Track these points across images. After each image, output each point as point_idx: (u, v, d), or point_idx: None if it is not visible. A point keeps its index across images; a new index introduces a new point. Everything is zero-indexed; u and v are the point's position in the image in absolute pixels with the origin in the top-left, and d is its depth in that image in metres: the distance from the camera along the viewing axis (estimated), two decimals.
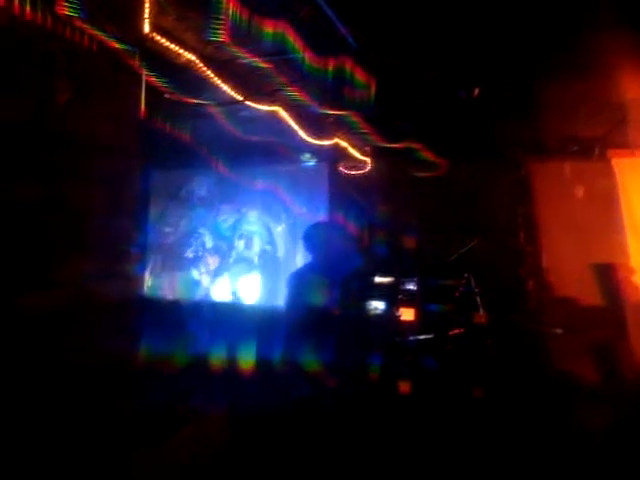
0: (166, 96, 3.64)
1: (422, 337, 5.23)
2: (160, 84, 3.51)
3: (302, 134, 5.29)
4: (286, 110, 4.70)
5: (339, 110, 5.40)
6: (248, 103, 4.16)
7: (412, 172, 6.25)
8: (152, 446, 3.62)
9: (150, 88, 3.40)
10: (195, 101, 3.96)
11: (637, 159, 6.22)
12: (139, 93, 3.27)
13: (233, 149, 5.92)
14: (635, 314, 5.21)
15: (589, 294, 5.62)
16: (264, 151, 6.04)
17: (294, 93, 4.24)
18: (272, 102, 4.44)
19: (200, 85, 3.78)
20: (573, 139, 5.78)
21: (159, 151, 5.29)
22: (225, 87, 3.82)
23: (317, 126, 5.57)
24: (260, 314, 6.44)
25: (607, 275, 5.64)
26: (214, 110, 4.42)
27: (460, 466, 3.80)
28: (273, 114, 4.72)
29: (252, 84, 4.07)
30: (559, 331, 5.39)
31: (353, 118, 5.47)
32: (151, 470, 3.41)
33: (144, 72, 3.24)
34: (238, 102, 4.03)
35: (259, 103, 4.28)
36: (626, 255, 5.76)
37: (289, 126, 5.07)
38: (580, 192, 5.75)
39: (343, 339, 4.89)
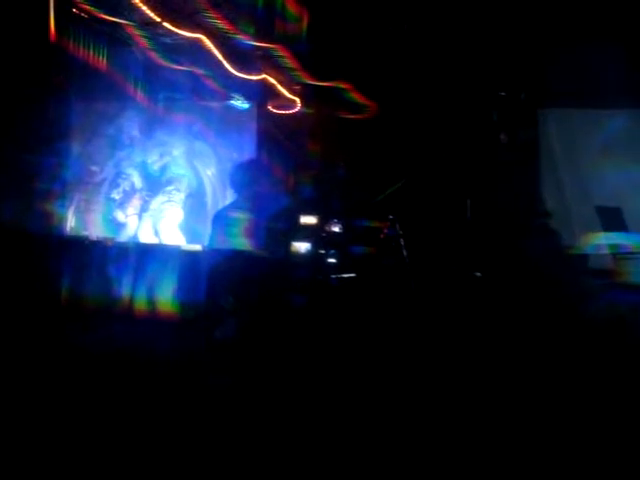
0: (77, 12, 3.39)
1: (345, 276, 5.25)
2: None
3: (228, 67, 5.10)
4: (211, 39, 4.51)
5: (268, 43, 5.25)
6: (167, 26, 3.95)
7: (341, 113, 6.17)
8: None
9: (60, 5, 3.16)
10: (109, 18, 3.72)
11: (560, 109, 6.37)
12: (46, 10, 3.04)
13: (157, 81, 5.67)
14: (552, 257, 5.37)
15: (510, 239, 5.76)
16: (191, 85, 5.82)
17: (217, 20, 4.05)
18: (195, 28, 4.23)
19: (115, 3, 3.56)
20: (500, 85, 5.82)
21: (78, 80, 5.01)
22: (141, 5, 3.60)
23: (245, 59, 5.40)
24: (184, 255, 6.33)
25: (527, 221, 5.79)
26: (134, 35, 4.19)
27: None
28: (197, 43, 4.53)
29: (171, 5, 3.86)
30: (478, 274, 5.51)
31: (282, 53, 5.33)
32: None
33: None
34: (156, 23, 3.83)
35: (180, 28, 4.07)
36: (542, 201, 5.93)
37: (215, 58, 4.88)
38: (505, 139, 5.84)
39: (265, 278, 4.89)
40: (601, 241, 5.52)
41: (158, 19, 3.82)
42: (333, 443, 2.99)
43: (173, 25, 4.02)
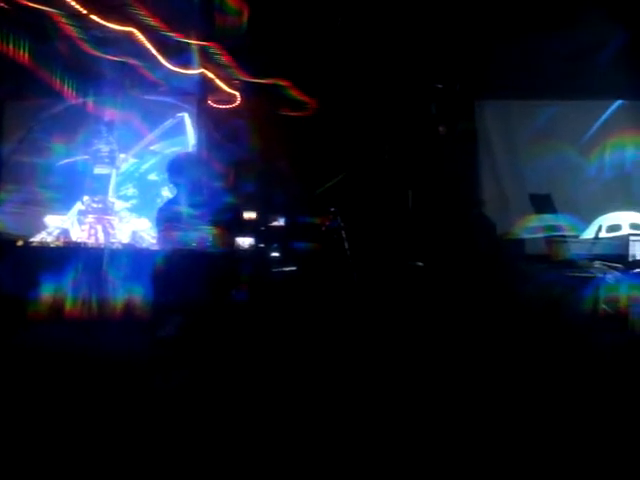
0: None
1: (287, 269, 5.25)
2: None
3: (162, 60, 5.03)
4: (143, 33, 4.43)
5: (204, 39, 5.20)
6: (95, 19, 3.87)
7: (281, 110, 6.16)
8: None
9: None
10: (35, 6, 3.60)
11: (496, 101, 6.51)
12: None
13: (89, 74, 5.54)
14: (488, 244, 5.50)
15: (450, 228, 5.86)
16: (126, 78, 5.71)
17: (145, 15, 3.98)
18: (124, 21, 4.15)
19: None
20: (437, 77, 5.91)
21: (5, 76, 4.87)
22: None
23: (180, 53, 5.33)
24: (126, 254, 6.22)
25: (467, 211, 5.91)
26: (60, 26, 4.07)
27: None
28: (129, 37, 4.44)
29: None
30: (420, 264, 5.58)
31: (218, 49, 5.29)
32: None
33: None
34: (81, 15, 3.74)
35: (109, 20, 3.99)
36: (480, 190, 6.07)
37: (150, 52, 4.80)
38: (443, 130, 5.93)
39: (208, 273, 4.85)
40: (536, 224, 5.67)
41: (84, 11, 3.73)
42: (275, 437, 2.99)
43: (101, 17, 3.93)
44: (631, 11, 5.44)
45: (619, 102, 6.41)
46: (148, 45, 4.68)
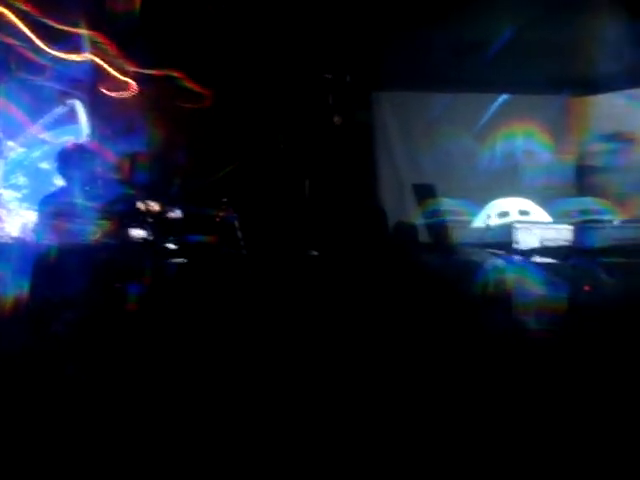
0: None
1: (181, 262, 5.17)
2: None
3: (44, 47, 4.82)
4: (16, 15, 4.23)
5: (92, 25, 5.03)
6: None
7: (176, 101, 6.06)
8: None
9: None
10: None
11: (392, 92, 6.63)
12: None
13: None
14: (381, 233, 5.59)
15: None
16: (10, 60, 5.45)
17: None
18: None
19: None
20: (332, 68, 5.96)
21: None
22: None
23: (66, 39, 5.13)
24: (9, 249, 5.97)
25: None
26: None
27: None
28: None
29: None
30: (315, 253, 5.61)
31: (106, 38, 5.14)
32: None
33: None
34: None
35: None
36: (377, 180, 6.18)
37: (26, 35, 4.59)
38: (338, 120, 5.99)
39: (99, 267, 4.72)
40: (433, 209, 5.81)
41: None
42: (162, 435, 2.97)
43: None
44: (516, 7, 5.64)
45: (505, 96, 6.72)
46: (23, 28, 4.46)
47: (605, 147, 6.76)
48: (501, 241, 5.53)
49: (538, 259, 5.22)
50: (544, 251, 5.31)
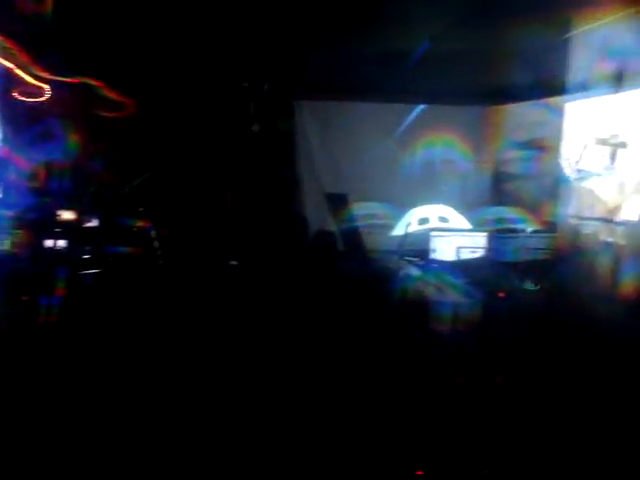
0: None
1: (96, 272, 5.09)
2: None
3: None
4: None
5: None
6: None
7: (95, 109, 5.93)
8: None
9: None
10: None
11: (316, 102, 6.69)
12: None
13: None
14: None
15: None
16: None
17: None
18: None
19: None
20: (250, 76, 5.95)
21: None
22: None
23: None
24: None
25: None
26: None
27: None
28: None
29: None
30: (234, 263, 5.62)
31: (16, 42, 4.98)
32: None
33: None
34: None
35: None
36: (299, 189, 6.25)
37: None
38: (257, 129, 6.01)
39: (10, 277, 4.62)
40: (355, 214, 5.90)
41: None
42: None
43: None
44: (432, 20, 5.74)
45: (425, 105, 6.88)
46: None
47: (519, 155, 6.99)
48: (419, 248, 5.66)
49: (454, 266, 5.36)
50: (461, 259, 5.47)
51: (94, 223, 5.36)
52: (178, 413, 3.41)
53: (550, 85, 5.91)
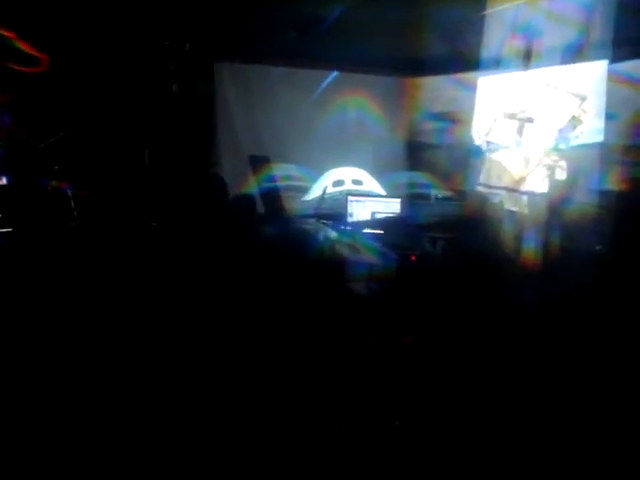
0: None
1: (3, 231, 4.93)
2: None
3: None
4: None
5: None
6: None
7: (5, 61, 5.68)
8: None
9: None
10: None
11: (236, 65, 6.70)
12: None
13: None
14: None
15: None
16: None
17: None
18: None
19: None
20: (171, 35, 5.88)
21: None
22: None
23: None
24: None
25: None
26: None
27: None
28: None
29: None
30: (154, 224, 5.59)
31: None
32: None
33: None
34: None
35: None
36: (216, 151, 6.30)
37: None
38: (176, 89, 5.96)
39: None
40: (272, 174, 5.97)
41: None
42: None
43: None
44: None
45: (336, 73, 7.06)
46: None
47: (433, 126, 7.25)
48: (335, 212, 5.82)
49: (369, 230, 5.54)
50: (375, 222, 5.65)
51: (4, 181, 5.18)
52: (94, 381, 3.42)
53: (464, 60, 6.13)
